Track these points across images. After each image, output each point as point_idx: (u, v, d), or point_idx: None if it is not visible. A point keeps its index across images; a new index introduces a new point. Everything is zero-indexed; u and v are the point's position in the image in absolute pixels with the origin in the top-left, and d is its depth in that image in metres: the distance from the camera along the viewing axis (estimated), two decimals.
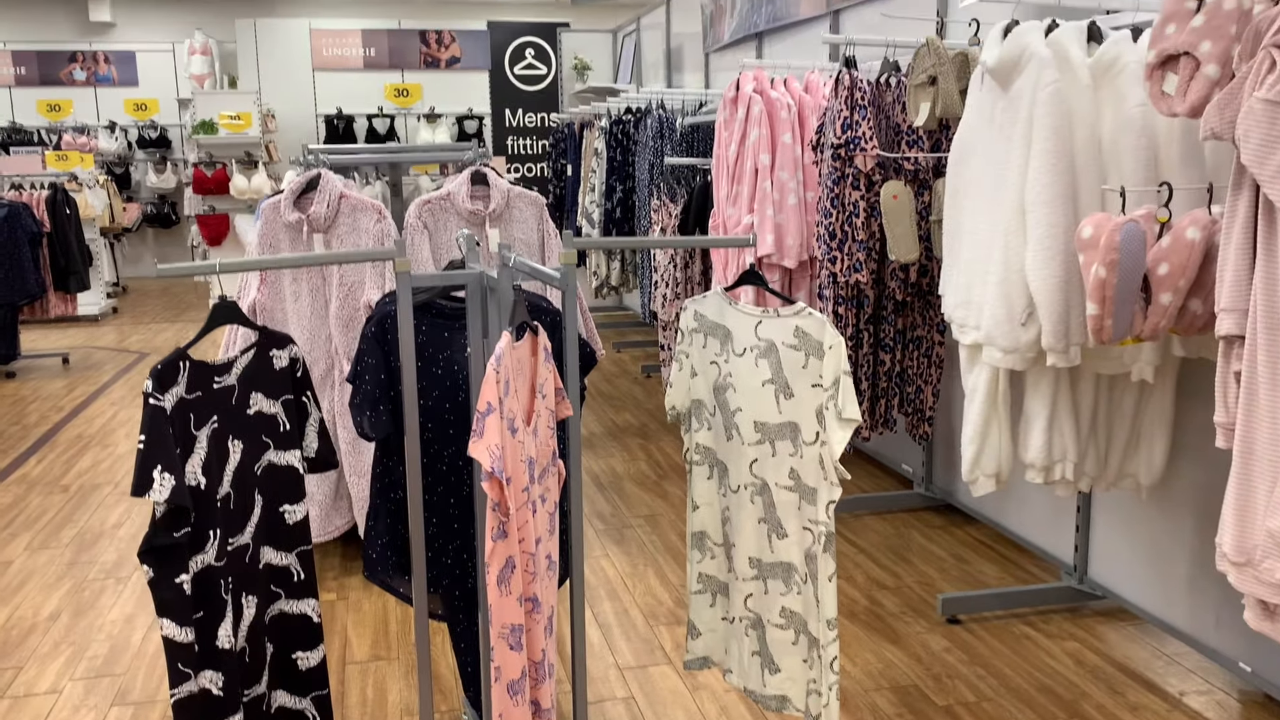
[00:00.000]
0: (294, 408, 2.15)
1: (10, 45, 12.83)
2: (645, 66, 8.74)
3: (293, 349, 2.14)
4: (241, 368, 2.03)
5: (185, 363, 1.90)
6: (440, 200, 3.69)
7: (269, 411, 2.10)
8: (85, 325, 9.77)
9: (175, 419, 1.86)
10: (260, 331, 2.09)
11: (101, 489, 4.92)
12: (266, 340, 2.09)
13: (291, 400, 2.14)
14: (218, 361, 1.98)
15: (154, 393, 1.81)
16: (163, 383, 1.84)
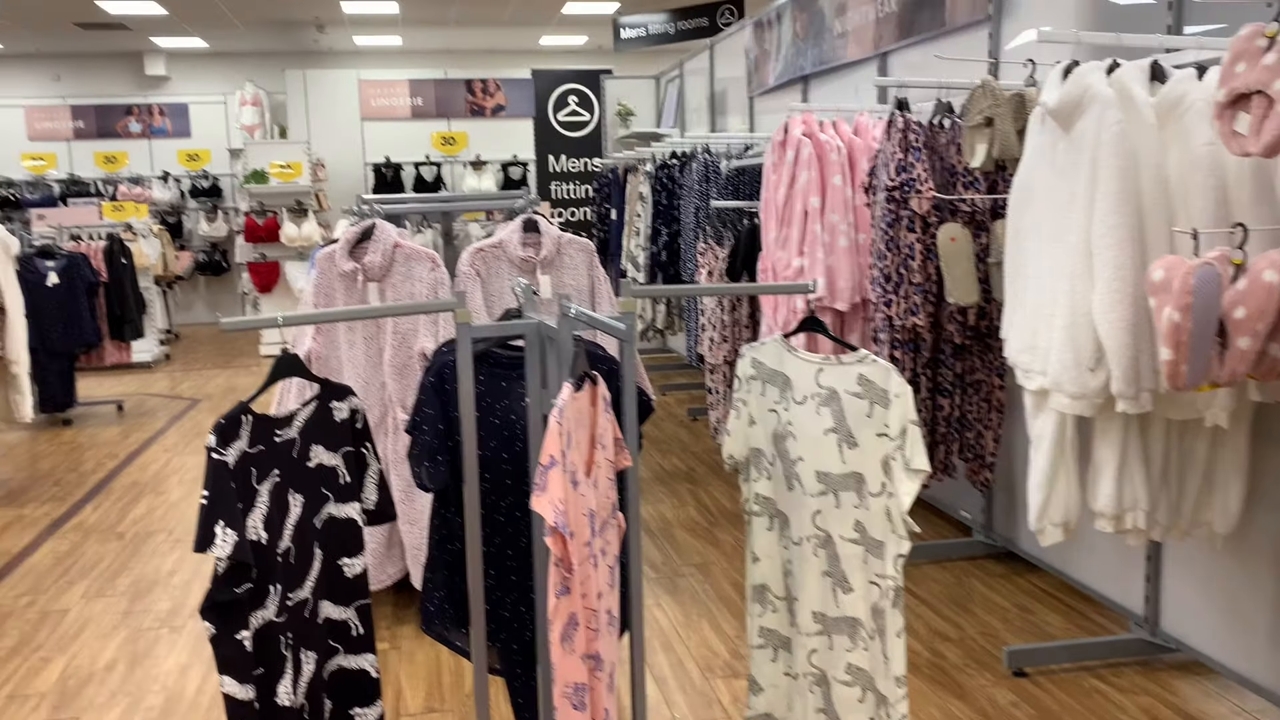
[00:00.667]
0: (354, 460, 2.14)
1: (69, 100, 13.22)
2: (688, 111, 8.79)
3: (353, 400, 2.14)
4: (303, 420, 2.03)
5: (247, 416, 1.90)
6: (492, 248, 3.70)
7: (329, 464, 2.09)
8: (139, 372, 9.93)
9: (237, 473, 1.86)
10: (321, 384, 2.09)
11: (156, 536, 4.95)
12: (327, 392, 2.09)
13: (352, 452, 2.13)
14: (278, 414, 1.98)
15: (217, 447, 1.81)
16: (225, 437, 1.84)
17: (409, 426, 2.36)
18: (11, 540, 4.96)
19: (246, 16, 11.38)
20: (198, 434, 7.15)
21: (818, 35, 5.64)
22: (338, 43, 13.32)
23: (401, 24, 12.21)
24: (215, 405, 8.16)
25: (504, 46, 14.08)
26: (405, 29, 12.53)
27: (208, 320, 13.76)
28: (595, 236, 8.80)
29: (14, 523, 5.24)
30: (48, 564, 4.60)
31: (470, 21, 12.26)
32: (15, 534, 5.05)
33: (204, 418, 7.70)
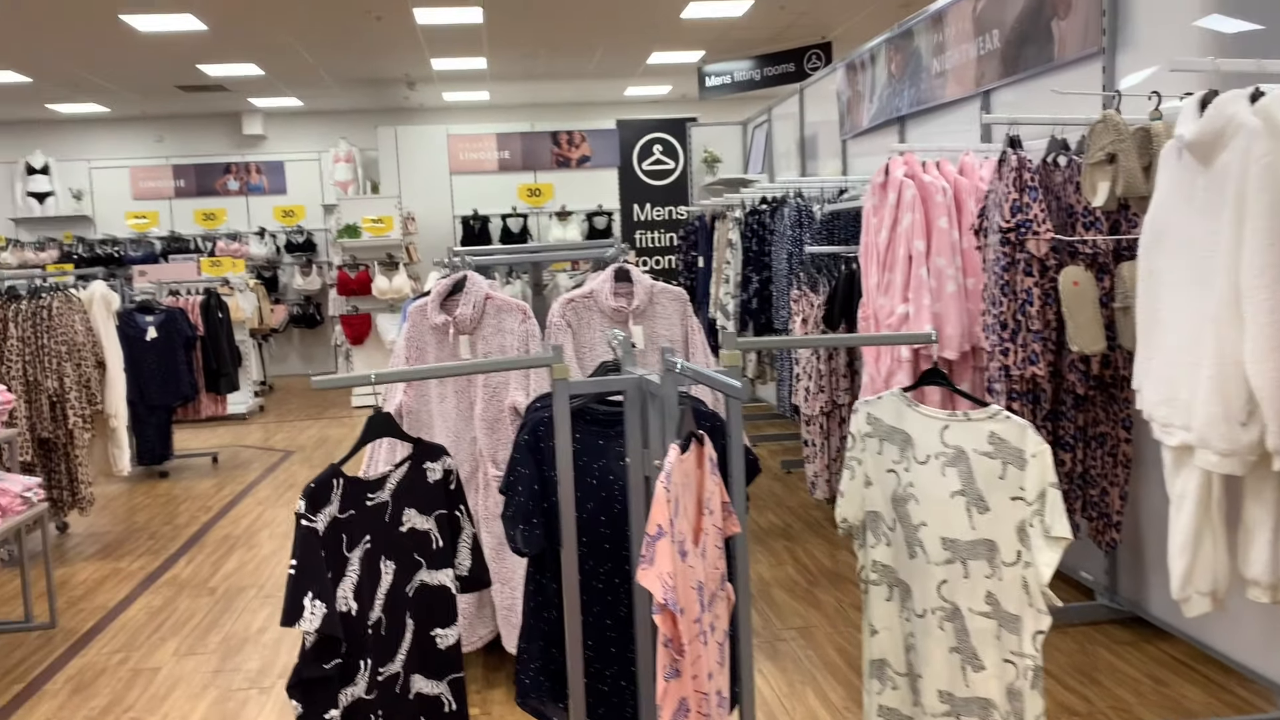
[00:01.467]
0: (447, 523, 2.03)
1: (172, 160, 13.70)
2: (777, 156, 8.68)
3: (446, 461, 2.03)
4: (395, 483, 1.93)
5: (338, 480, 1.80)
6: (583, 298, 3.60)
7: (422, 528, 1.98)
8: (233, 424, 10.09)
9: (328, 540, 1.75)
10: (414, 444, 1.99)
11: (247, 591, 4.93)
12: (420, 452, 1.99)
13: (445, 515, 2.02)
14: (371, 477, 1.87)
15: (306, 513, 1.71)
16: (316, 502, 1.74)
17: (503, 486, 2.24)
18: (108, 594, 4.98)
19: (340, 75, 11.67)
20: (290, 486, 7.18)
21: (914, 75, 5.48)
22: (427, 99, 13.58)
23: (489, 79, 12.39)
24: (307, 457, 8.22)
25: (589, 99, 14.20)
26: (492, 84, 12.71)
27: (301, 372, 14.01)
28: (682, 284, 8.70)
29: (110, 576, 5.27)
30: (141, 620, 4.60)
31: (556, 75, 12.39)
32: (111, 588, 5.08)
33: (296, 469, 7.74)
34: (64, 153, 13.55)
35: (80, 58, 10.08)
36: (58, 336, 5.36)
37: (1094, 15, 3.85)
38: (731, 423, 1.89)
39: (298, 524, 1.71)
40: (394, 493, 1.91)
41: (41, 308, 5.36)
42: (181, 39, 9.44)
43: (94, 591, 5.03)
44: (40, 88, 11.38)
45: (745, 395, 1.56)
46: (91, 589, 5.08)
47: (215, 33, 9.26)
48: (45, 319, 5.35)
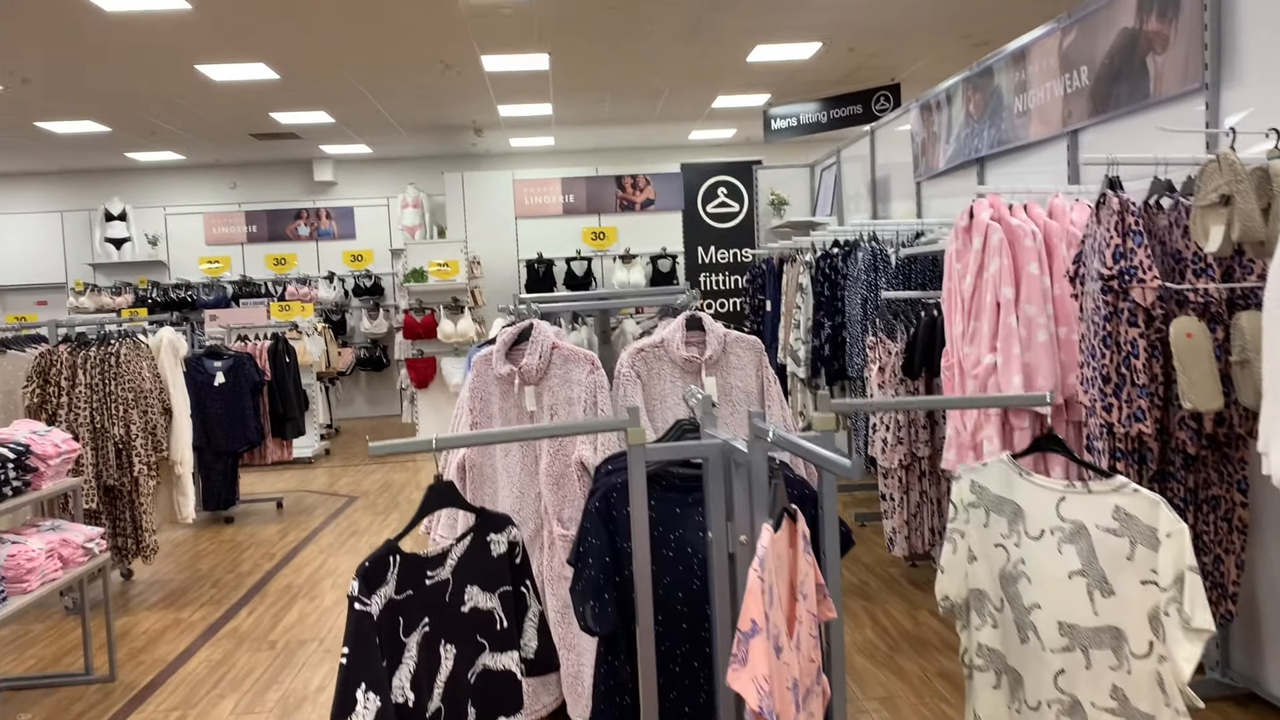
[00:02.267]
0: (512, 600, 1.87)
1: (244, 206, 13.94)
2: (846, 198, 8.49)
3: (512, 532, 1.87)
4: (457, 557, 1.78)
5: (395, 557, 1.65)
6: (653, 348, 3.45)
7: (485, 607, 1.82)
8: (299, 468, 10.10)
9: (383, 625, 1.61)
10: (477, 514, 1.84)
11: (307, 646, 4.82)
12: (484, 523, 1.83)
13: (510, 592, 1.86)
14: (430, 553, 1.73)
15: (360, 596, 1.56)
16: (370, 583, 1.59)
17: (572, 557, 2.08)
18: (168, 646, 4.91)
19: (408, 123, 11.79)
20: (352, 534, 7.11)
21: (995, 115, 5.28)
22: (494, 145, 13.67)
23: (554, 124, 12.42)
24: (371, 503, 8.15)
25: (652, 143, 14.17)
26: (557, 129, 12.74)
27: (367, 414, 14.06)
28: (749, 328, 8.52)
29: (172, 626, 5.20)
30: (201, 674, 4.50)
31: (620, 120, 12.37)
32: (172, 639, 5.01)
33: (359, 516, 7.67)
34: (141, 199, 13.87)
35: (157, 107, 10.30)
36: (125, 383, 5.35)
37: (1195, 50, 3.63)
38: (825, 493, 1.71)
39: (350, 608, 1.56)
40: (455, 569, 1.76)
41: (110, 354, 5.37)
42: (254, 88, 9.59)
43: (155, 643, 4.96)
44: (119, 137, 11.66)
45: (859, 474, 1.39)
46: (153, 640, 5.01)
47: (287, 81, 9.39)
48: (113, 365, 5.35)
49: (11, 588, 3.84)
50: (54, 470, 4.33)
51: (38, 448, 4.23)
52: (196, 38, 7.81)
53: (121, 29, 7.43)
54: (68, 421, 5.26)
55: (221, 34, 7.74)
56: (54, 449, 4.31)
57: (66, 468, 4.46)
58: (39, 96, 9.48)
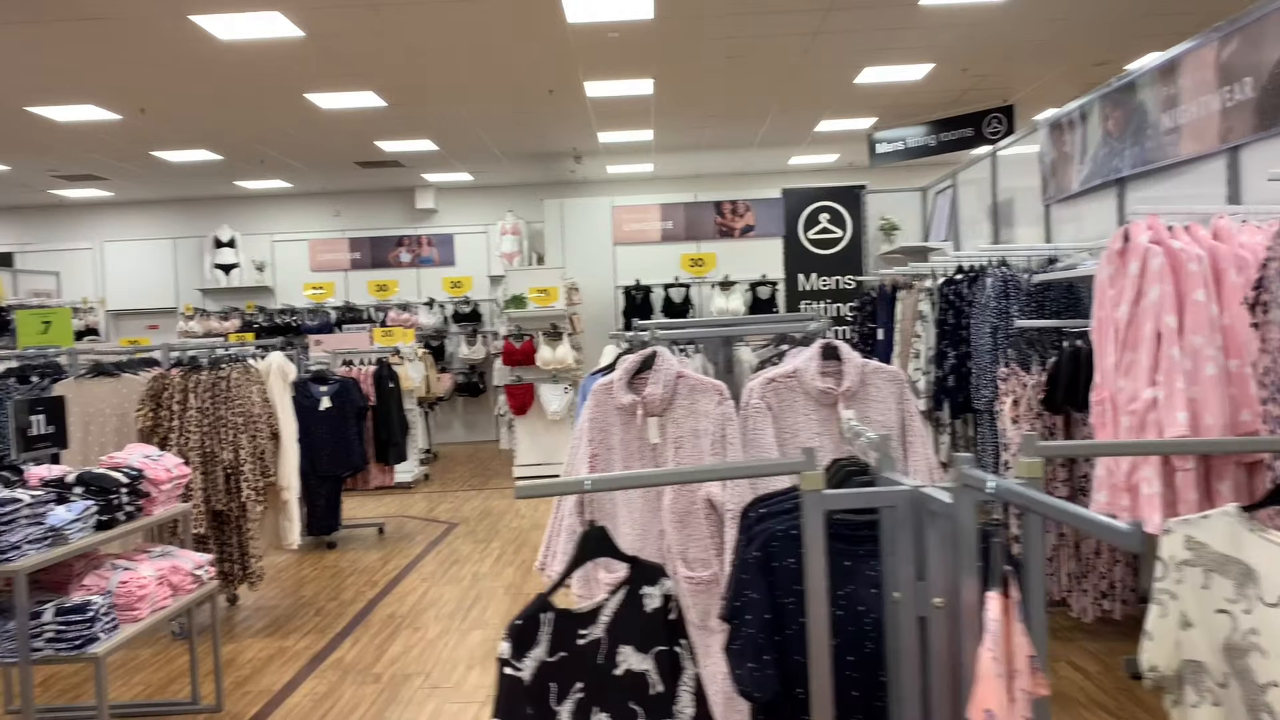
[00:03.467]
0: (667, 662, 1.67)
1: (348, 233, 14.16)
2: (962, 223, 8.16)
3: (665, 585, 1.68)
4: (610, 613, 1.59)
5: (547, 614, 1.47)
6: (785, 378, 3.23)
7: (638, 669, 1.63)
8: (399, 493, 10.10)
9: (534, 692, 1.42)
10: (630, 564, 1.65)
11: (412, 680, 4.69)
12: (637, 575, 1.64)
13: (665, 652, 1.67)
14: (582, 609, 1.54)
15: (511, 659, 1.38)
16: (521, 643, 1.41)
17: (727, 612, 1.87)
18: (274, 676, 4.83)
19: (510, 150, 11.82)
20: (454, 562, 7.00)
21: (1138, 132, 4.95)
22: (592, 172, 13.64)
23: (653, 151, 12.33)
24: (471, 530, 8.06)
25: (752, 168, 13.99)
26: (657, 155, 12.65)
27: (464, 440, 14.08)
28: None
29: (277, 656, 5.13)
30: (306, 707, 4.40)
31: (720, 145, 12.23)
32: (277, 669, 4.93)
33: (459, 544, 7.58)
34: (249, 227, 14.19)
35: (267, 136, 10.50)
36: (235, 408, 5.34)
37: None
38: (1032, 552, 1.48)
39: (500, 672, 1.38)
40: (609, 626, 1.58)
41: (220, 378, 5.36)
42: (361, 116, 9.69)
43: (260, 672, 4.89)
44: (230, 165, 11.94)
45: (1139, 545, 1.16)
46: (258, 669, 4.94)
47: (394, 109, 9.47)
48: (224, 390, 5.34)
49: (123, 615, 3.79)
50: (165, 495, 4.30)
51: (151, 472, 4.19)
52: (307, 66, 7.90)
53: (235, 58, 7.55)
54: (178, 445, 5.26)
55: (332, 62, 7.81)
56: (166, 474, 4.28)
57: (177, 493, 4.42)
58: (155, 126, 9.73)
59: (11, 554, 3.41)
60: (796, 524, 1.91)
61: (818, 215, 11.14)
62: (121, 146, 10.55)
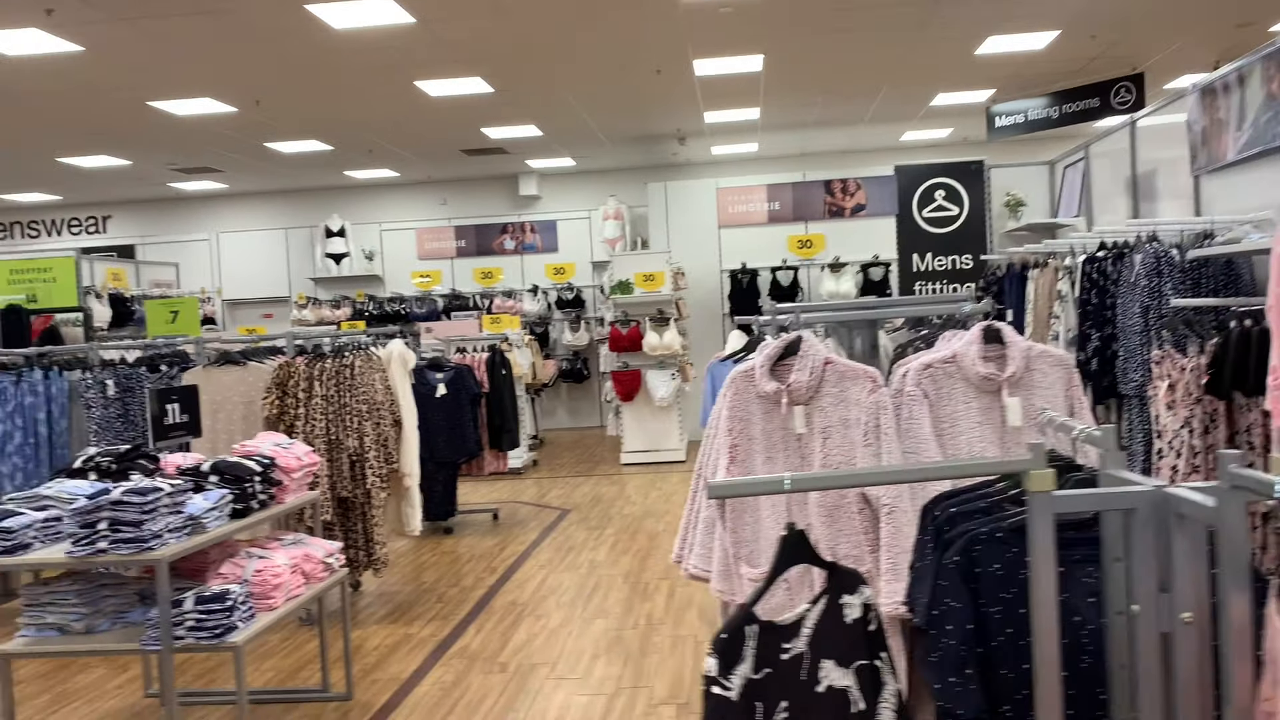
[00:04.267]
0: (868, 677, 1.52)
1: (454, 221, 14.27)
2: (1096, 197, 7.75)
3: (864, 592, 1.53)
4: (812, 625, 1.44)
5: (752, 627, 1.33)
6: (943, 364, 3.03)
7: (840, 685, 1.48)
8: (509, 479, 10.12)
9: (741, 712, 1.29)
10: (829, 571, 1.50)
11: (538, 670, 4.63)
12: (836, 583, 1.49)
13: (865, 666, 1.52)
14: (785, 621, 1.40)
15: (719, 677, 1.26)
16: (728, 658, 1.29)
17: (924, 619, 1.70)
18: (400, 664, 4.83)
19: (613, 133, 11.72)
20: (569, 549, 6.95)
21: None
22: (695, 154, 13.46)
23: (759, 130, 12.09)
24: (584, 517, 8.01)
25: (861, 146, 13.62)
26: (762, 135, 12.40)
27: (569, 426, 14.10)
28: None
29: (403, 643, 5.14)
30: (435, 697, 4.37)
31: (829, 123, 11.91)
32: (404, 656, 4.93)
33: (574, 530, 7.53)
34: (358, 216, 14.41)
35: (376, 125, 10.60)
36: (359, 395, 5.34)
37: None
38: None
39: (707, 692, 1.26)
40: (811, 640, 1.43)
41: (344, 366, 5.38)
42: (469, 102, 9.69)
43: (386, 660, 4.89)
44: (340, 155, 12.11)
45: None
46: (384, 656, 4.95)
47: (500, 95, 9.44)
48: (348, 378, 5.35)
49: (259, 604, 3.80)
50: (296, 483, 4.30)
51: (282, 461, 4.20)
52: (418, 54, 7.91)
53: (347, 47, 7.59)
54: (304, 433, 5.29)
55: (442, 49, 7.80)
56: (297, 462, 4.28)
57: (307, 481, 4.43)
58: (269, 118, 9.90)
59: (154, 542, 3.43)
60: (1000, 526, 1.74)
61: (933, 193, 10.77)
62: (237, 139, 10.78)
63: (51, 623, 3.66)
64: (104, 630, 3.67)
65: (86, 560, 3.44)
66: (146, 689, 4.63)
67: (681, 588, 5.81)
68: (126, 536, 3.42)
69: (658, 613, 5.37)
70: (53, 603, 3.68)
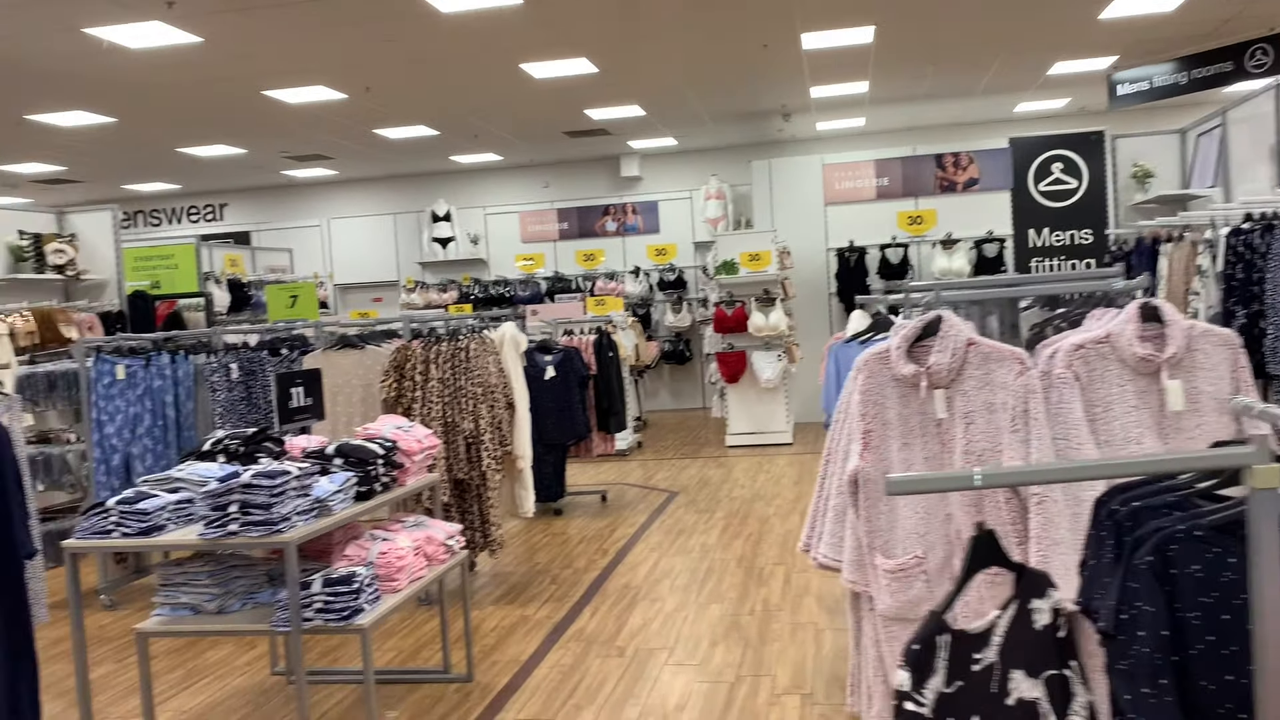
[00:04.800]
0: (1058, 687, 1.40)
1: (556, 204, 14.30)
2: (1233, 167, 7.32)
3: (1053, 596, 1.40)
4: (1002, 634, 1.33)
5: (944, 637, 1.23)
6: (1096, 344, 2.85)
7: (1029, 697, 1.37)
8: (614, 460, 10.12)
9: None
10: (1016, 572, 1.38)
11: (656, 655, 4.58)
12: (1025, 587, 1.38)
13: (1055, 676, 1.40)
14: (975, 629, 1.29)
15: (912, 692, 1.15)
16: (921, 669, 1.18)
17: (1109, 623, 1.57)
18: (518, 646, 4.83)
19: (717, 111, 11.56)
20: (680, 532, 6.89)
21: None
22: (800, 130, 13.21)
23: (867, 104, 11.78)
24: (692, 499, 7.94)
25: (972, 118, 13.18)
26: (870, 109, 12.09)
27: (671, 407, 14.05)
28: None
29: (519, 624, 5.15)
30: (554, 681, 4.36)
31: (942, 94, 11.54)
32: (521, 638, 4.94)
33: (683, 513, 7.47)
34: (463, 200, 14.57)
35: (481, 109, 10.65)
36: (474, 378, 5.36)
37: None
38: None
39: (899, 707, 1.16)
40: (1002, 649, 1.32)
41: (459, 349, 5.39)
42: (573, 83, 9.66)
43: (504, 641, 4.91)
44: (446, 140, 12.23)
45: None
46: (502, 638, 4.96)
47: (605, 75, 9.37)
48: (463, 360, 5.37)
49: (384, 585, 3.83)
50: (417, 466, 4.32)
51: (403, 444, 4.22)
52: (524, 35, 7.89)
53: (455, 30, 7.61)
54: (421, 415, 5.33)
55: (548, 29, 7.76)
56: (417, 445, 4.30)
57: (427, 463, 4.45)
58: (378, 104, 10.02)
59: (282, 525, 3.47)
60: (1198, 523, 1.59)
61: (1049, 165, 10.34)
62: (347, 125, 10.96)
63: (186, 602, 3.74)
64: (235, 610, 3.74)
65: (218, 542, 3.50)
66: (273, 667, 4.73)
67: (797, 574, 5.69)
68: (256, 519, 3.46)
69: (774, 598, 5.27)
70: (186, 583, 3.76)
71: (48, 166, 12.16)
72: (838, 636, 4.64)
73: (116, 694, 4.56)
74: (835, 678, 4.16)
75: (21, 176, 12.72)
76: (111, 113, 9.58)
